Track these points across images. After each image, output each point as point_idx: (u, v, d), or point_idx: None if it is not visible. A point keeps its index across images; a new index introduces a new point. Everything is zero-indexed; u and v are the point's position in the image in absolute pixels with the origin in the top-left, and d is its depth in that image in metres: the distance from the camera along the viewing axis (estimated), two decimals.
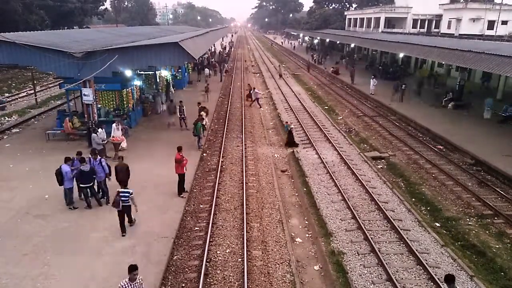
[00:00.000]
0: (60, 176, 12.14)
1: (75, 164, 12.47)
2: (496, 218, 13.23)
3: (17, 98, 31.78)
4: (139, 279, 7.42)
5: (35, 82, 33.29)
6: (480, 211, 13.67)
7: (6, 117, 25.25)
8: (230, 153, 19.12)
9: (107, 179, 12.99)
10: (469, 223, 12.99)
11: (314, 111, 28.44)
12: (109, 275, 9.38)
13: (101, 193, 13.09)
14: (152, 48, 17.51)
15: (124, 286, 7.27)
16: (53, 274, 9.32)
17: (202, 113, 20.97)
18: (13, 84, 38.29)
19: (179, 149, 13.75)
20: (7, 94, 33.49)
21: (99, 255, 10.16)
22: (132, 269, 7.27)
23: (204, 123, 19.79)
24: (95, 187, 12.75)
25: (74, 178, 12.35)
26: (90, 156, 12.78)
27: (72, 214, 12.20)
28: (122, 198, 10.83)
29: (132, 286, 7.31)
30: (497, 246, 11.61)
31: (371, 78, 33.23)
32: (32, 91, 32.27)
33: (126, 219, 11.27)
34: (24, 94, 34.08)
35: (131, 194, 10.99)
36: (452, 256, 10.82)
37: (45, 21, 52.88)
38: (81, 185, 12.43)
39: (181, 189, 13.76)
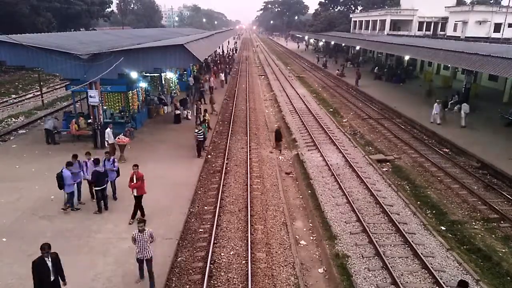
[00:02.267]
0: (61, 180, 11.93)
1: (73, 168, 12.27)
2: (502, 222, 13.11)
3: (23, 100, 32.03)
4: (147, 231, 8.84)
5: (41, 83, 33.56)
6: (486, 215, 13.56)
7: (12, 118, 25.46)
8: (234, 155, 19.13)
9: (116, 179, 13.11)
10: (475, 227, 12.89)
11: (319, 113, 28.41)
12: (113, 275, 9.42)
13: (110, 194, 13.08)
14: (157, 50, 17.60)
15: (135, 235, 8.81)
16: None
17: (201, 115, 20.92)
18: (20, 86, 38.63)
19: (134, 166, 11.85)
20: (14, 96, 33.79)
21: (104, 255, 10.19)
22: (139, 221, 8.85)
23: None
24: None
25: (76, 183, 12.35)
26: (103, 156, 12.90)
27: (77, 215, 12.25)
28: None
29: (141, 236, 8.75)
30: (503, 250, 11.51)
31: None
32: (39, 93, 32.52)
33: None
34: (31, 95, 34.35)
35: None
36: (457, 260, 10.74)
37: (52, 23, 53.37)
38: (96, 188, 12.18)
39: (134, 213, 11.96)
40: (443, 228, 12.89)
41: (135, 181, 11.56)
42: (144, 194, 11.93)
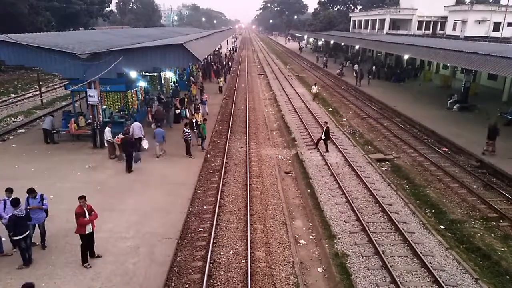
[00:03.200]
0: None
1: (6, 209, 9.70)
2: (501, 221, 13.13)
3: (23, 99, 32.01)
4: None
5: (40, 83, 33.53)
6: (485, 214, 13.58)
7: (12, 118, 25.44)
8: (234, 154, 19.13)
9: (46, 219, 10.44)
10: (474, 226, 12.91)
11: (318, 112, 28.41)
12: (112, 275, 9.42)
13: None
14: (157, 49, 17.58)
15: None
16: (57, 273, 9.37)
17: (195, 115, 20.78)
18: (19, 85, 38.59)
19: (81, 198, 9.57)
20: (13, 95, 33.76)
21: (103, 254, 10.18)
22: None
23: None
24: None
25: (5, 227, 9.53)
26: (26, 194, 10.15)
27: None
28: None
29: None
30: (502, 249, 11.53)
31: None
32: (38, 92, 32.50)
33: None
34: (30, 95, 34.33)
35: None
36: (456, 259, 10.75)
37: (51, 23, 53.30)
38: (14, 238, 9.30)
39: (84, 256, 9.72)
40: (442, 227, 12.91)
41: (87, 216, 9.50)
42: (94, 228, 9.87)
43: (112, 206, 12.79)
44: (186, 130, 17.50)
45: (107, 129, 16.91)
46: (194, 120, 19.39)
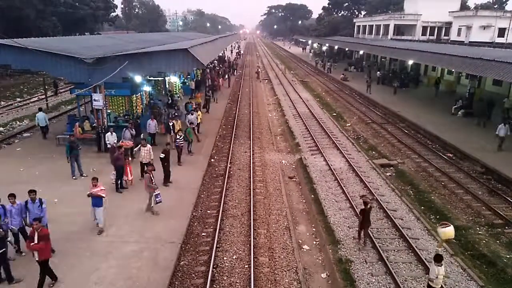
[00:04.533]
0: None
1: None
2: (507, 227, 13.02)
3: (28, 103, 32.25)
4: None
5: (46, 87, 33.77)
6: (490, 220, 13.48)
7: (17, 122, 25.61)
8: (237, 159, 19.13)
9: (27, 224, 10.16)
10: (479, 232, 12.81)
11: (322, 117, 28.39)
12: (115, 278, 9.42)
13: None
14: (161, 54, 17.68)
15: None
16: (60, 277, 9.37)
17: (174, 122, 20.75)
18: (25, 89, 38.90)
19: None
20: (18, 99, 34.03)
21: (106, 258, 10.20)
22: None
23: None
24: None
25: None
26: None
27: (79, 218, 12.24)
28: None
29: None
30: (508, 256, 11.42)
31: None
32: (43, 96, 32.73)
33: None
34: (36, 99, 34.57)
35: None
36: (461, 265, 10.68)
37: (57, 28, 53.79)
38: None
39: (42, 282, 8.85)
40: None
41: (36, 241, 8.53)
42: (50, 258, 9.04)
43: (116, 209, 12.81)
44: (178, 137, 17.33)
45: (108, 134, 16.82)
46: (171, 124, 19.23)
